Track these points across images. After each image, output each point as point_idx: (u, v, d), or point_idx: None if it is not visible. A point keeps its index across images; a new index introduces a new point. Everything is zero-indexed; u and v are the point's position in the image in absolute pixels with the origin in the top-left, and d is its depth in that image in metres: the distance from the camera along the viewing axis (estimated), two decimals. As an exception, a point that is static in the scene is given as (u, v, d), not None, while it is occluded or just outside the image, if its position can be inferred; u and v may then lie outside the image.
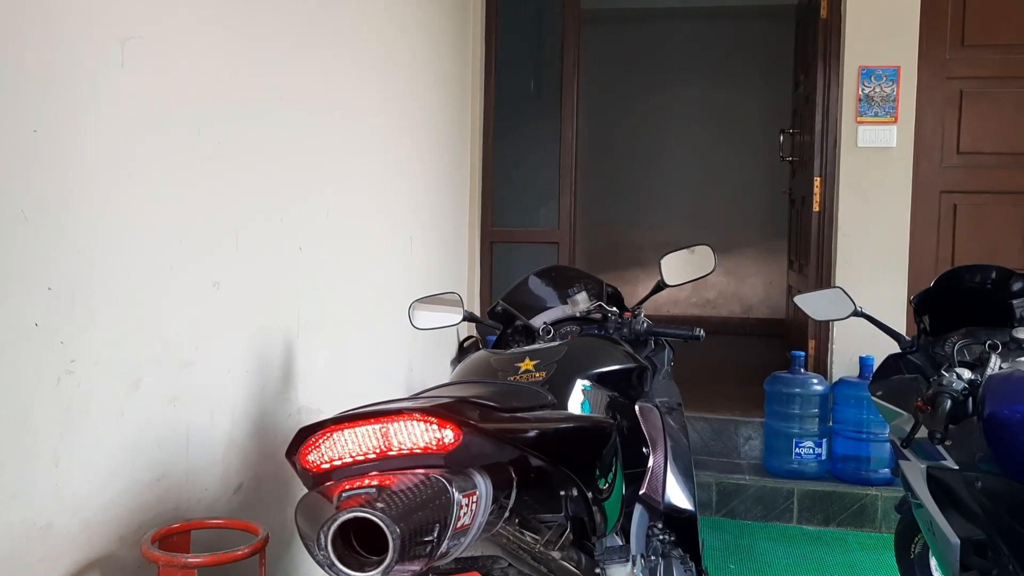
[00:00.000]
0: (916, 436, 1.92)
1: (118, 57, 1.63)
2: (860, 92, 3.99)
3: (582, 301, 2.16)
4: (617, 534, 1.56)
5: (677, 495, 1.80)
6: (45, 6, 1.44)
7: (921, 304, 2.20)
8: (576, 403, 1.57)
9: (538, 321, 2.14)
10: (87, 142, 1.55)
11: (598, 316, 2.12)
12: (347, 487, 0.94)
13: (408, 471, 0.99)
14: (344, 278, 2.71)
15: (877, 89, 3.96)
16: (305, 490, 1.08)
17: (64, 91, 1.49)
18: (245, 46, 2.08)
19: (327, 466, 1.03)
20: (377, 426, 1.01)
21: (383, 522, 0.86)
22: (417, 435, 1.02)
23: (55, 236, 1.47)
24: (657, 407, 1.86)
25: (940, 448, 1.89)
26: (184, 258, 1.85)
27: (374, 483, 0.94)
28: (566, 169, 4.53)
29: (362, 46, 2.85)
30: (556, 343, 1.93)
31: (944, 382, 1.77)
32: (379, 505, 0.87)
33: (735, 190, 6.92)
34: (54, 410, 1.49)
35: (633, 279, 7.06)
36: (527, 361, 1.66)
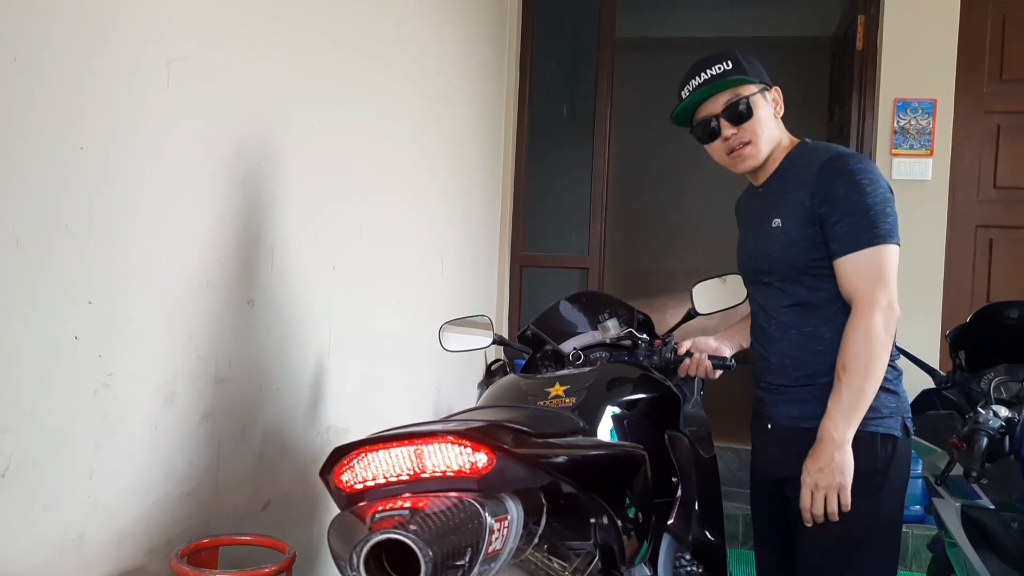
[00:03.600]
0: (951, 474, 1.89)
1: (164, 77, 1.66)
2: (895, 124, 3.96)
3: (613, 327, 2.15)
4: (646, 564, 1.55)
5: (705, 526, 1.79)
6: (98, 28, 1.48)
7: (957, 339, 2.18)
8: (605, 430, 1.57)
9: (568, 346, 2.13)
10: (132, 159, 1.58)
11: (628, 343, 2.11)
12: (380, 508, 0.94)
13: (441, 494, 0.99)
14: (375, 298, 2.73)
15: (913, 122, 3.94)
16: (335, 509, 1.09)
17: (112, 110, 1.52)
18: (285, 69, 2.11)
19: (360, 486, 1.03)
20: (411, 448, 1.02)
21: (416, 544, 0.86)
22: (451, 458, 1.02)
23: (97, 251, 1.50)
24: (687, 436, 1.84)
25: (976, 487, 1.86)
26: (221, 275, 1.87)
27: (407, 505, 0.94)
28: (598, 195, 4.53)
29: (399, 71, 2.88)
30: (586, 369, 1.93)
31: (981, 419, 1.75)
32: (412, 527, 0.88)
33: (767, 220, 6.86)
34: (90, 422, 1.51)
35: (661, 306, 7.03)
36: (557, 386, 1.66)
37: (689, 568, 1.74)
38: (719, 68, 1.80)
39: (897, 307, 1.64)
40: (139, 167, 1.60)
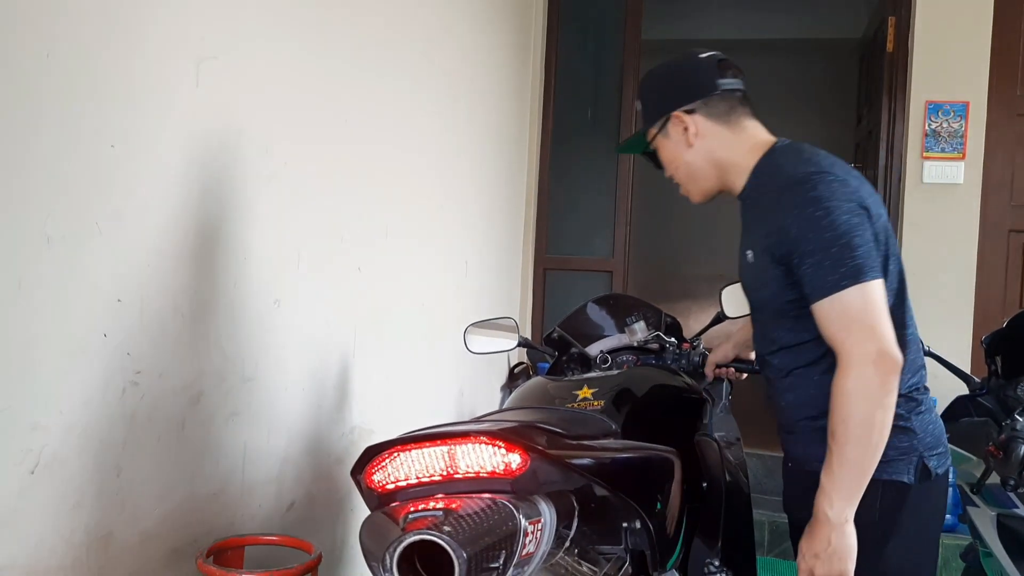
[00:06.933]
0: (987, 482, 1.86)
1: (193, 77, 1.67)
2: (927, 127, 3.90)
3: (640, 330, 2.13)
4: (676, 569, 1.52)
5: (734, 532, 1.76)
6: (129, 27, 1.48)
7: (992, 345, 2.14)
8: (633, 434, 1.54)
9: (594, 349, 2.11)
10: (161, 158, 1.58)
11: (655, 346, 2.09)
12: (413, 509, 0.93)
13: (474, 495, 0.97)
14: (400, 299, 2.72)
15: (944, 124, 3.88)
16: (361, 510, 1.08)
17: (142, 108, 1.52)
18: (314, 70, 2.11)
19: (392, 486, 1.02)
20: (444, 448, 1.00)
21: (450, 546, 0.84)
22: (484, 459, 1.01)
23: (126, 249, 1.50)
24: (716, 441, 1.82)
25: (1012, 495, 1.82)
26: (248, 275, 1.87)
27: (440, 506, 0.93)
28: (622, 199, 4.51)
29: (425, 73, 2.88)
30: (613, 372, 1.91)
31: (1018, 427, 1.72)
32: (446, 528, 0.86)
33: (792, 224, 6.80)
34: (118, 420, 1.51)
35: (685, 311, 6.98)
36: (585, 389, 1.64)
37: (718, 574, 1.72)
38: (638, 107, 1.67)
39: (893, 353, 1.34)
40: (168, 166, 1.60)
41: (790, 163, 1.49)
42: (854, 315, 1.35)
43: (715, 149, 1.57)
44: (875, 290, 1.36)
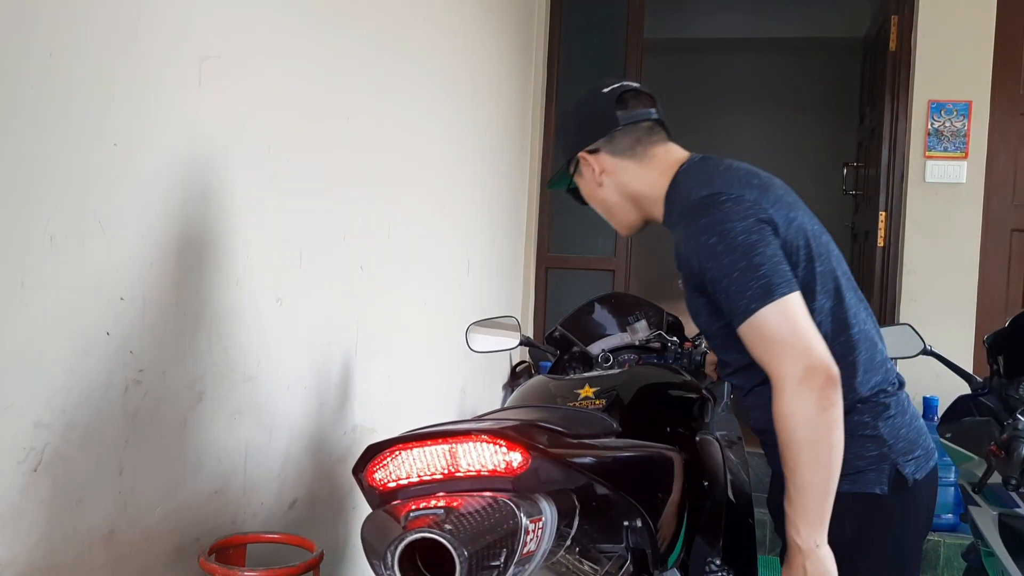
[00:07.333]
0: (988, 481, 1.86)
1: (196, 75, 1.67)
2: (929, 126, 3.90)
3: (642, 329, 2.13)
4: (677, 568, 1.53)
5: (735, 531, 1.76)
6: (132, 25, 1.48)
7: (994, 344, 2.14)
8: (635, 433, 1.54)
9: (596, 348, 2.11)
10: (163, 156, 1.58)
11: (657, 345, 2.09)
12: (414, 507, 0.93)
13: (475, 493, 0.98)
14: (402, 298, 2.73)
15: (947, 123, 3.88)
16: (362, 508, 1.08)
17: (144, 107, 1.53)
18: (316, 68, 2.11)
19: (393, 485, 1.02)
20: (445, 446, 1.01)
21: (451, 544, 0.85)
22: (485, 457, 1.01)
23: (129, 247, 1.50)
24: (717, 440, 1.82)
25: (1015, 495, 1.82)
26: (250, 273, 1.87)
27: (441, 504, 0.93)
28: (624, 197, 4.51)
29: (427, 72, 2.88)
30: (615, 371, 1.91)
31: (1020, 426, 1.73)
32: (447, 527, 0.86)
33: (794, 223, 6.79)
34: (121, 418, 1.51)
35: (686, 310, 6.97)
36: (586, 388, 1.65)
37: (719, 573, 1.72)
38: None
39: (823, 366, 1.26)
40: (171, 165, 1.61)
41: (687, 188, 1.46)
42: (772, 336, 1.29)
43: (626, 184, 1.55)
44: (789, 305, 1.29)
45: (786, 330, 1.28)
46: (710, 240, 1.34)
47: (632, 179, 1.54)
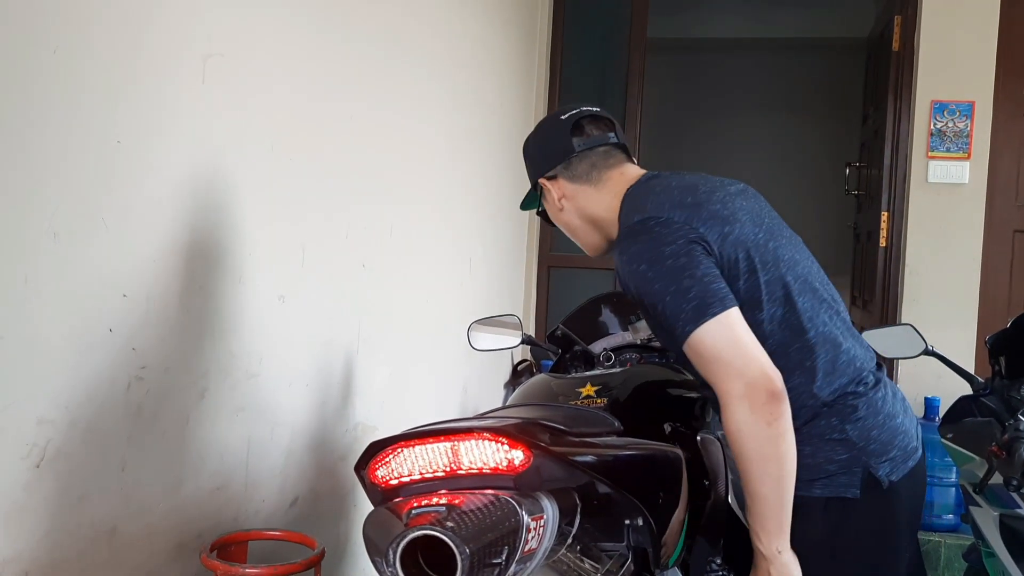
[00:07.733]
0: (989, 482, 1.86)
1: (199, 73, 1.67)
2: (932, 127, 3.90)
3: (643, 328, 2.13)
4: (679, 567, 1.53)
5: (737, 531, 1.76)
6: (136, 23, 1.48)
7: (996, 345, 2.14)
8: (636, 431, 1.55)
9: (598, 347, 2.12)
10: (167, 154, 1.59)
11: (659, 344, 2.09)
12: (416, 504, 0.94)
13: (477, 491, 0.98)
14: (404, 296, 2.73)
15: (950, 124, 3.87)
16: (363, 506, 1.08)
17: (148, 104, 1.53)
18: (319, 66, 2.11)
19: (396, 482, 1.02)
20: (448, 444, 1.01)
21: (453, 542, 0.85)
22: (488, 455, 1.01)
23: (132, 244, 1.51)
24: (719, 439, 1.82)
25: (1016, 496, 1.83)
26: (252, 271, 1.87)
27: (443, 501, 0.93)
28: (626, 196, 4.50)
29: (430, 70, 2.88)
30: (617, 370, 1.91)
31: (1021, 427, 1.73)
32: (449, 524, 0.87)
33: (797, 222, 6.76)
34: (124, 415, 1.51)
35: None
36: (588, 387, 1.65)
37: (720, 573, 1.72)
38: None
39: (764, 381, 1.27)
40: (174, 162, 1.61)
41: (625, 213, 1.49)
42: (709, 356, 1.31)
43: (583, 208, 1.58)
44: (723, 324, 1.30)
45: (723, 348, 1.30)
46: (640, 267, 1.37)
47: (588, 203, 1.58)
